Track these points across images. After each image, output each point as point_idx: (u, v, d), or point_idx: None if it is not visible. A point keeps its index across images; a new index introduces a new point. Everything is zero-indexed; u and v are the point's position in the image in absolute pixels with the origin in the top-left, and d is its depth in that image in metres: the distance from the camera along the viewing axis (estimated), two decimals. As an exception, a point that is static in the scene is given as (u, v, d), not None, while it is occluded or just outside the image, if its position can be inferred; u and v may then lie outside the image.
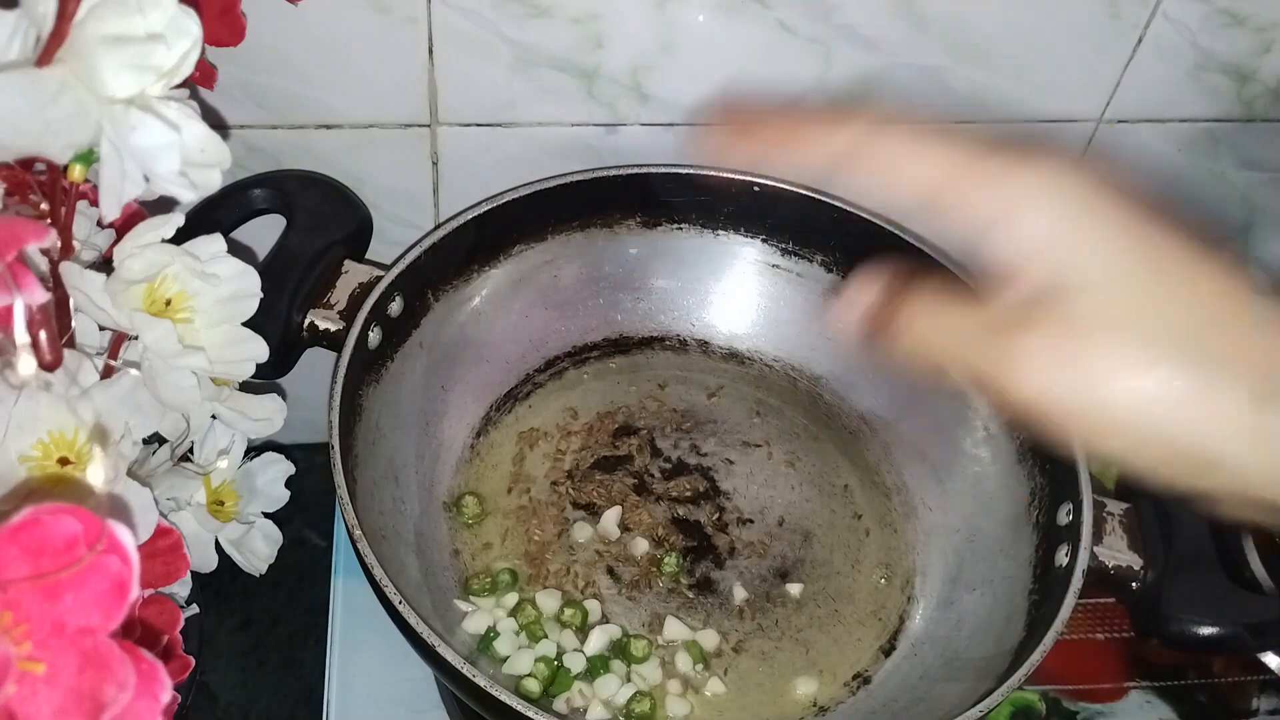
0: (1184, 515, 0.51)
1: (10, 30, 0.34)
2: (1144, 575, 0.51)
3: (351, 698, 0.58)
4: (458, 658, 0.44)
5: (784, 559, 0.58)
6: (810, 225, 0.62)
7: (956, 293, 0.33)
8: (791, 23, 0.59)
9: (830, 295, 0.63)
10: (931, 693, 0.52)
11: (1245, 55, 0.63)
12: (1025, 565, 0.53)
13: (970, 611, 0.55)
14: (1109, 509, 0.52)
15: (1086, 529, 0.50)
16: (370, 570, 0.46)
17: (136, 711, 0.27)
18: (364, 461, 0.53)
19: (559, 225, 0.62)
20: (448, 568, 0.56)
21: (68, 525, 0.27)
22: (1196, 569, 0.50)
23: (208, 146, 0.37)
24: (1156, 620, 0.50)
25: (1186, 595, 0.50)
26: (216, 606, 0.65)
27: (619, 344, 0.65)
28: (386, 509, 0.54)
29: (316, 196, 0.58)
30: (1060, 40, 0.61)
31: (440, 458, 0.59)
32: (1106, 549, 0.51)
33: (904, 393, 0.62)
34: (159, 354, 0.41)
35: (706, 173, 0.62)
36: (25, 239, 0.32)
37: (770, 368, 0.65)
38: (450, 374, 0.60)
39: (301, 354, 0.55)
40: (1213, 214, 0.72)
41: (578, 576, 0.56)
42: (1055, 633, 0.48)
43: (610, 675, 0.53)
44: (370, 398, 0.55)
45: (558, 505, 0.59)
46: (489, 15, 0.57)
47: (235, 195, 0.57)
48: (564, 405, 0.63)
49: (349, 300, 0.55)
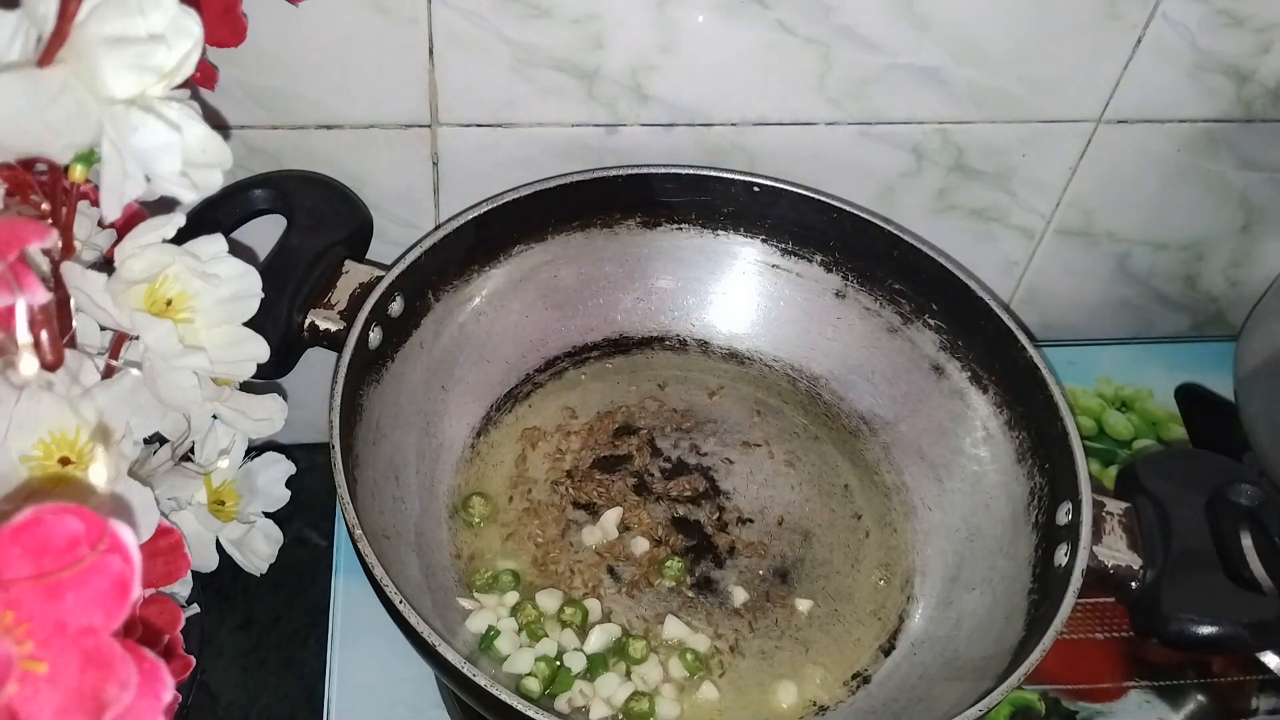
0: (1183, 514, 0.52)
1: (11, 30, 0.34)
2: (1143, 575, 0.51)
3: (352, 697, 0.58)
4: (459, 657, 0.45)
5: (784, 559, 0.58)
6: (810, 225, 0.63)
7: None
8: (791, 23, 0.59)
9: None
10: (931, 692, 0.52)
11: (1244, 56, 0.63)
12: (1025, 565, 0.54)
13: (970, 611, 0.55)
14: (1108, 508, 0.52)
15: (1086, 528, 0.50)
16: (371, 570, 0.46)
17: (138, 711, 0.27)
18: (364, 461, 0.53)
19: (559, 225, 0.62)
20: (448, 567, 0.56)
21: (69, 525, 0.27)
22: (1195, 569, 0.50)
23: (209, 147, 0.37)
24: (1156, 620, 0.50)
25: (1185, 595, 0.50)
26: (217, 606, 0.65)
27: (619, 344, 0.65)
28: (387, 509, 0.54)
29: (317, 197, 0.58)
30: (1060, 40, 0.61)
31: (441, 457, 0.59)
32: (1106, 548, 0.51)
33: (903, 393, 0.62)
34: (160, 354, 0.41)
35: (706, 173, 0.62)
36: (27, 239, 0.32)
37: (770, 368, 0.65)
38: (450, 374, 0.60)
39: (302, 354, 0.55)
40: (1212, 214, 0.72)
41: (578, 576, 0.56)
42: (1055, 632, 0.48)
43: (610, 674, 0.53)
44: (371, 397, 0.55)
45: (558, 506, 0.59)
46: (489, 16, 0.57)
47: (236, 195, 0.57)
48: (564, 405, 0.63)
49: (349, 300, 0.55)
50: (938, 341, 0.61)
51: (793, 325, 0.65)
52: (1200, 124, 0.67)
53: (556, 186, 0.60)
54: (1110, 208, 0.71)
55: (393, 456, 0.56)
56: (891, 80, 0.62)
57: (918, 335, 0.62)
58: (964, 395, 0.60)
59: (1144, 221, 0.72)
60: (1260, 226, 0.74)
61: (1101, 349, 0.76)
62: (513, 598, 0.55)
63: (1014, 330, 0.57)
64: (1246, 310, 0.71)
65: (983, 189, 0.68)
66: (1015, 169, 0.67)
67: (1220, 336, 0.76)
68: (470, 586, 0.55)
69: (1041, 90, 0.63)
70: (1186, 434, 0.71)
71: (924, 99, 0.63)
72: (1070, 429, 0.53)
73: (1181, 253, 0.75)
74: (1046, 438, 0.55)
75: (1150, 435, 0.71)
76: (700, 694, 0.53)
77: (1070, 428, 0.54)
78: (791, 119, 0.63)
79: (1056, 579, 0.50)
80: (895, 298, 0.62)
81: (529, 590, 0.56)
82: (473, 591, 0.55)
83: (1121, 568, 0.51)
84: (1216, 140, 0.68)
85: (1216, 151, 0.68)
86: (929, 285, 0.61)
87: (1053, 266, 0.74)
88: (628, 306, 0.65)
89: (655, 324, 0.66)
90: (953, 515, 0.59)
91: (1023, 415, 0.57)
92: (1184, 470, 0.54)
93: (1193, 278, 0.76)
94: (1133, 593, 0.51)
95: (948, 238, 0.68)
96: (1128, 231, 0.73)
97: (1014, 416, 0.58)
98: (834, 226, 0.62)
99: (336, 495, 0.48)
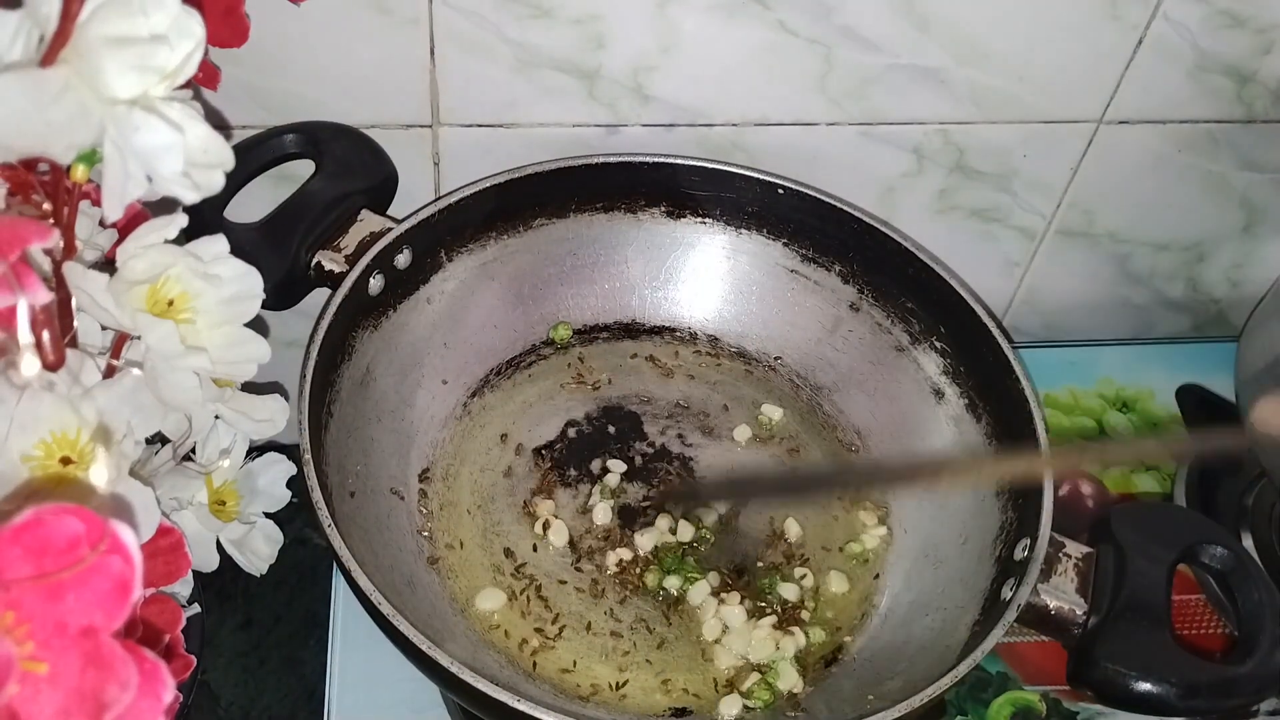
0: (1143, 568, 0.49)
1: (13, 30, 0.34)
2: (1086, 621, 0.49)
3: (353, 697, 0.58)
4: (418, 635, 0.45)
5: (745, 557, 0.58)
6: (832, 234, 0.63)
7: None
8: (792, 23, 0.59)
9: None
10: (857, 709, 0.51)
11: (1245, 56, 0.63)
12: (978, 596, 0.52)
13: (919, 635, 0.54)
14: (1067, 550, 0.51)
15: (1035, 565, 0.49)
16: (329, 536, 0.48)
17: (139, 711, 0.27)
18: (346, 398, 0.55)
19: (582, 204, 0.63)
20: (414, 512, 0.57)
21: (70, 525, 0.27)
22: (1140, 623, 0.48)
23: (210, 147, 0.37)
24: (1085, 666, 0.48)
25: (1122, 647, 0.47)
26: (218, 606, 0.65)
27: (630, 329, 0.66)
28: (361, 449, 0.55)
29: (347, 146, 0.59)
30: (1060, 40, 0.61)
31: (431, 409, 0.60)
32: (1052, 588, 0.49)
33: (901, 412, 0.62)
34: (161, 354, 0.41)
35: (731, 169, 0.62)
36: (28, 239, 0.32)
37: (775, 371, 0.65)
38: (454, 333, 0.61)
39: (306, 293, 0.56)
40: (1214, 215, 0.72)
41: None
42: (969, 663, 0.46)
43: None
44: (365, 340, 0.57)
45: (539, 474, 0.59)
46: (490, 16, 0.57)
47: (269, 139, 0.58)
48: (565, 380, 0.63)
49: (358, 246, 0.56)
50: (941, 365, 0.61)
51: (804, 332, 0.65)
52: (1201, 125, 0.67)
53: (581, 166, 0.61)
54: (1111, 208, 0.71)
55: (379, 400, 0.57)
56: (892, 81, 0.62)
57: (923, 356, 0.62)
58: (959, 422, 0.60)
59: (1145, 222, 0.72)
60: (1261, 227, 0.74)
61: (1102, 349, 0.76)
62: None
63: (1013, 361, 0.56)
64: (1248, 311, 0.71)
65: (984, 189, 0.68)
66: (1016, 169, 0.67)
67: (1221, 337, 0.76)
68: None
69: (1042, 91, 0.63)
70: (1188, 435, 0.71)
71: (925, 99, 0.63)
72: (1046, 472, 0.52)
73: (1183, 253, 0.75)
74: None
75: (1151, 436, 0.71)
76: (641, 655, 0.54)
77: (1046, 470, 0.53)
78: (792, 119, 0.63)
79: (997, 613, 0.49)
80: (907, 316, 0.62)
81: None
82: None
83: (1064, 610, 0.49)
84: (1218, 141, 0.68)
85: (1218, 152, 0.68)
86: (939, 307, 0.60)
87: (1054, 267, 0.74)
88: (643, 292, 0.65)
89: (668, 313, 0.66)
90: (926, 540, 0.58)
91: (1009, 450, 0.57)
92: (1158, 525, 0.52)
93: (1194, 278, 0.76)
94: (1072, 637, 0.49)
95: (948, 238, 0.69)
96: (1129, 232, 0.73)
97: (1001, 450, 0.57)
98: (854, 238, 0.62)
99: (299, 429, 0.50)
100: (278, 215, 0.56)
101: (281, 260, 0.55)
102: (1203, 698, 0.47)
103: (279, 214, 0.56)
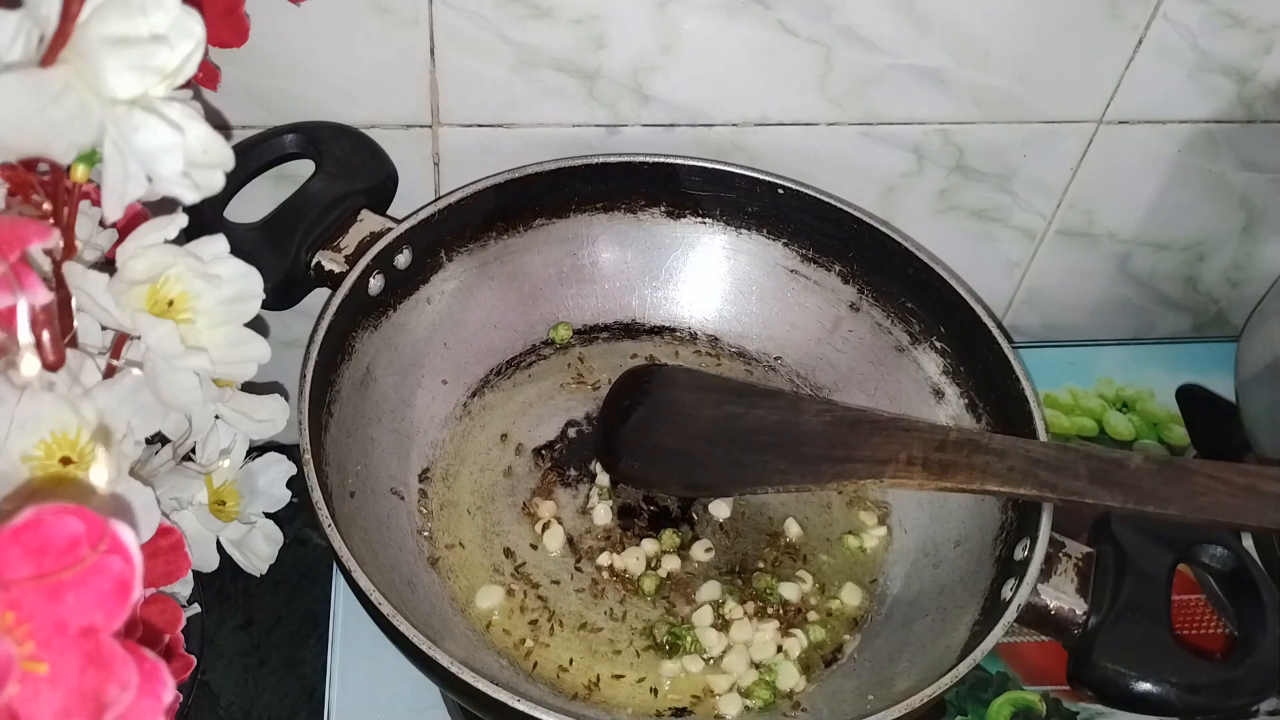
0: (1144, 568, 0.49)
1: (13, 30, 0.34)
2: (1086, 621, 0.49)
3: (353, 697, 0.58)
4: (415, 632, 0.45)
5: (745, 557, 0.57)
6: (832, 234, 0.63)
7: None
8: (792, 23, 0.59)
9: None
10: (860, 708, 0.50)
11: (1245, 56, 0.63)
12: (977, 597, 0.52)
13: (918, 635, 0.54)
14: (1067, 550, 0.51)
15: (1035, 565, 0.49)
16: (325, 528, 0.48)
17: (139, 711, 0.27)
18: (346, 398, 0.55)
19: (582, 204, 0.63)
20: (414, 512, 0.57)
21: (70, 525, 0.27)
22: (1141, 623, 0.48)
23: (210, 147, 0.37)
24: (1085, 667, 0.48)
25: (1122, 647, 0.47)
26: (218, 606, 0.65)
27: (630, 329, 0.66)
28: (361, 450, 0.55)
29: (347, 147, 0.59)
30: (1060, 40, 0.61)
31: (431, 409, 0.60)
32: (1052, 588, 0.49)
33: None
34: (161, 355, 0.41)
35: (731, 169, 0.62)
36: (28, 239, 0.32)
37: (775, 371, 0.65)
38: (455, 333, 0.61)
39: (306, 294, 0.57)
40: (1214, 215, 0.72)
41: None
42: (969, 663, 0.46)
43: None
44: (365, 340, 0.57)
45: (539, 474, 0.59)
46: (490, 16, 0.57)
47: (270, 138, 0.58)
48: (565, 380, 0.63)
49: (358, 246, 0.56)
50: (941, 365, 0.61)
51: (803, 332, 0.65)
52: (1201, 124, 0.67)
53: (581, 166, 0.61)
54: (1111, 208, 0.71)
55: (379, 400, 0.57)
56: (892, 81, 0.62)
57: (923, 356, 0.61)
58: (959, 422, 0.60)
59: (1145, 222, 0.72)
60: (1261, 227, 0.74)
61: (1102, 349, 0.76)
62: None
63: (1012, 361, 0.56)
64: (1247, 311, 0.71)
65: (984, 189, 0.68)
66: (1016, 169, 0.68)
67: (1221, 337, 0.76)
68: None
69: (1042, 91, 0.63)
70: (1188, 435, 0.71)
71: (925, 99, 0.63)
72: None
73: (1182, 253, 0.75)
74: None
75: (1151, 436, 0.71)
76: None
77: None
78: (792, 119, 0.63)
79: (997, 613, 0.49)
80: (907, 316, 0.62)
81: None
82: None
83: (1064, 610, 0.49)
84: (1218, 141, 0.68)
85: (1218, 152, 0.68)
86: (939, 306, 0.60)
87: (1054, 267, 0.74)
88: (643, 292, 0.65)
89: (668, 313, 0.66)
90: (926, 541, 0.58)
91: None
92: (1158, 525, 0.51)
93: (1194, 278, 0.76)
94: (1072, 637, 0.49)
95: (948, 238, 0.69)
96: (1129, 232, 0.73)
97: None
98: (854, 238, 0.62)
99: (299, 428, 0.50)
100: (278, 215, 0.56)
101: (281, 260, 0.55)
102: (1203, 698, 0.47)
103: (279, 214, 0.56)
